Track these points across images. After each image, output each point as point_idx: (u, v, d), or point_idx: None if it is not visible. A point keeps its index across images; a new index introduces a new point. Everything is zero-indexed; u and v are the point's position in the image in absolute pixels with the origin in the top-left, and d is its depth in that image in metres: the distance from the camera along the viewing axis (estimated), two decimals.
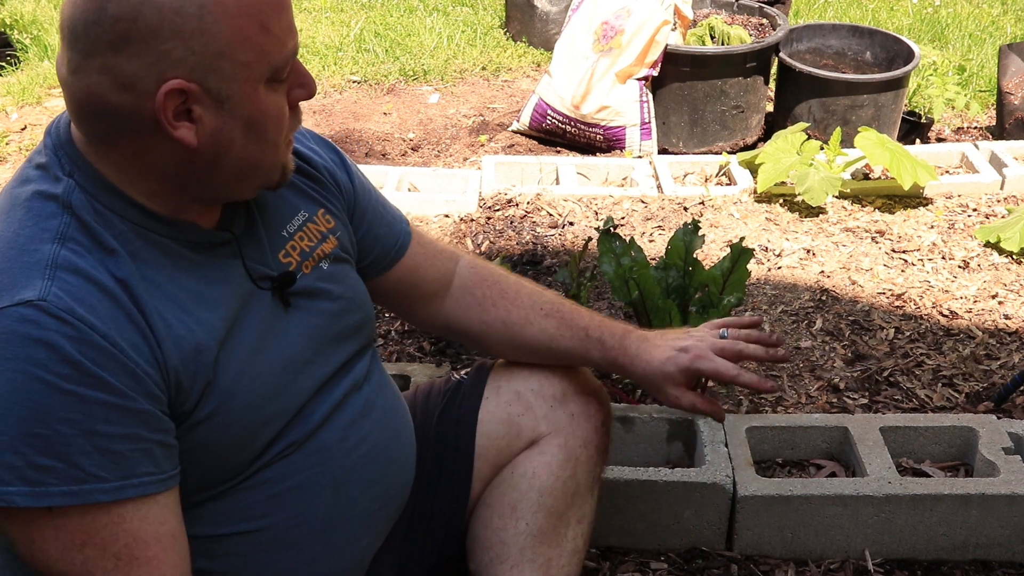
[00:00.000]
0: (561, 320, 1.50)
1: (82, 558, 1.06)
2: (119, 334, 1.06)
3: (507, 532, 1.46)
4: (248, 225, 1.23)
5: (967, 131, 4.00)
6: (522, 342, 1.52)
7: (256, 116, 1.11)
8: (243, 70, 1.08)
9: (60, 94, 4.22)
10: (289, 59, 1.12)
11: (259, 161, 1.15)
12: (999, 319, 2.56)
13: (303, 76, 1.16)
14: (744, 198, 3.19)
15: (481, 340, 1.55)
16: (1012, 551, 1.84)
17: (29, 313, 1.02)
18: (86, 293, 1.05)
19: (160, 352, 1.09)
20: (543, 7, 4.64)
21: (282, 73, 1.12)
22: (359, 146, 3.80)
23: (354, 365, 1.35)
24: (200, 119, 1.08)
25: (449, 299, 1.54)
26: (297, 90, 1.16)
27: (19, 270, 1.05)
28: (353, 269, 1.39)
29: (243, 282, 1.21)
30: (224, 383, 1.15)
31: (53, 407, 1.02)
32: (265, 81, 1.10)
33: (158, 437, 1.09)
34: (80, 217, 1.10)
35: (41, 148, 1.16)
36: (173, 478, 1.12)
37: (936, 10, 5.42)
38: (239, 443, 1.19)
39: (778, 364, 1.45)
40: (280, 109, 1.14)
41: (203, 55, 1.05)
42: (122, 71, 1.05)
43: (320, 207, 1.34)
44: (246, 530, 1.24)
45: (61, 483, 1.03)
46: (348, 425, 1.31)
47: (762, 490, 1.81)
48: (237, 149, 1.12)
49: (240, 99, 1.09)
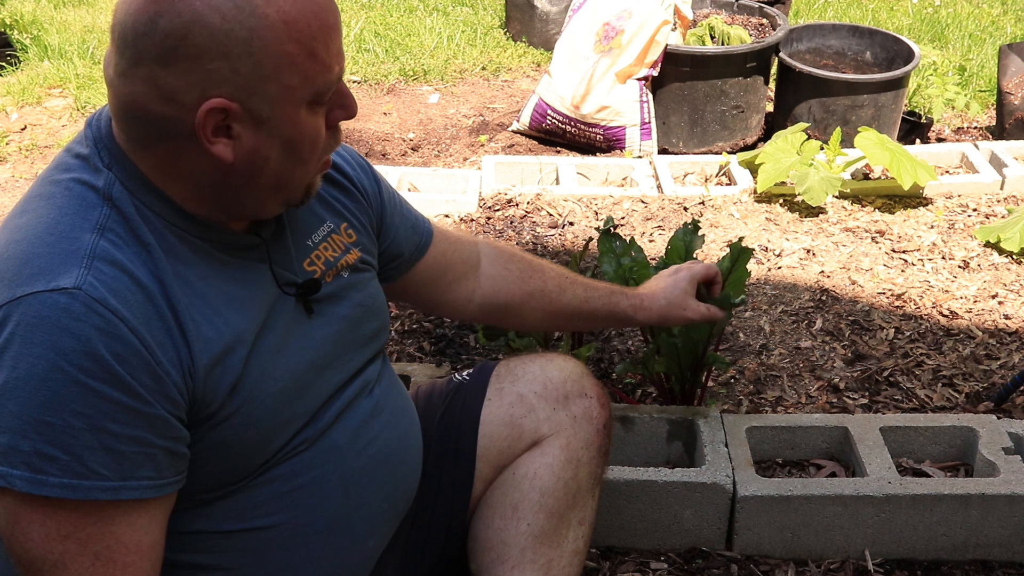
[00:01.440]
0: (586, 284, 1.69)
1: (61, 549, 1.07)
2: (148, 330, 1.07)
3: (508, 532, 1.47)
4: (277, 232, 1.25)
5: (967, 131, 4.00)
6: (559, 307, 1.65)
7: (295, 137, 1.12)
8: (287, 93, 1.09)
9: (60, 94, 4.23)
10: (334, 84, 1.13)
11: (290, 179, 1.16)
12: (999, 319, 2.57)
13: (345, 97, 1.16)
14: (744, 198, 3.19)
15: (520, 310, 1.65)
16: (1012, 551, 1.84)
17: (63, 300, 1.03)
18: (121, 285, 1.06)
19: (188, 352, 1.10)
20: (543, 7, 4.64)
21: (325, 96, 1.13)
22: (359, 146, 3.80)
23: (366, 369, 1.37)
24: (239, 137, 1.09)
25: (483, 277, 1.62)
26: (338, 111, 1.16)
27: (58, 256, 1.06)
28: (374, 278, 1.41)
29: (270, 287, 1.22)
30: (250, 384, 1.17)
31: (68, 398, 1.03)
32: (307, 104, 1.11)
33: (165, 444, 1.10)
34: (120, 209, 1.11)
35: (82, 138, 1.17)
36: (171, 485, 1.12)
37: (936, 10, 5.42)
38: (256, 444, 1.20)
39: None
40: (317, 131, 1.15)
41: (249, 77, 1.06)
42: (166, 84, 1.06)
43: (344, 220, 1.36)
44: (257, 527, 1.24)
45: (62, 475, 1.04)
46: (359, 426, 1.32)
47: (762, 490, 1.81)
48: (272, 166, 1.13)
49: (280, 121, 1.10)
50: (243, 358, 1.16)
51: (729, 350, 2.44)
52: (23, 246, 1.08)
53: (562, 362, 1.58)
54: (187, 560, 1.22)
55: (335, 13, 1.12)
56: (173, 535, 1.17)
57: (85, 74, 4.37)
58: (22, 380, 1.02)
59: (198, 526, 1.21)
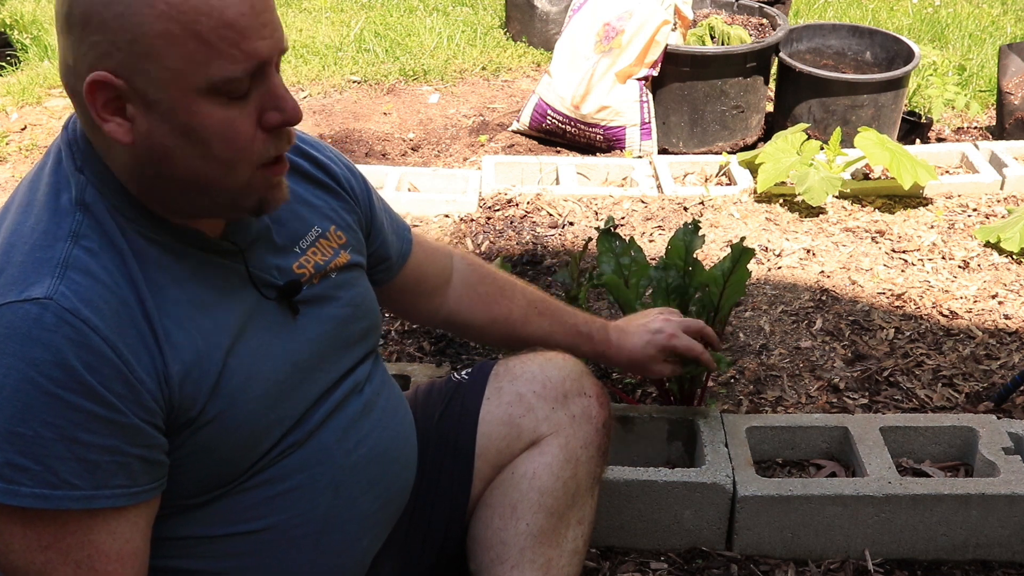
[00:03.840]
0: (554, 318, 1.69)
1: (43, 559, 1.07)
2: (121, 339, 1.06)
3: (507, 532, 1.46)
4: (259, 236, 1.23)
5: (967, 131, 4.00)
6: (521, 338, 1.68)
7: (195, 128, 1.06)
8: (172, 76, 1.03)
9: (60, 94, 4.23)
10: (240, 77, 1.05)
11: (211, 178, 1.09)
12: (999, 319, 2.56)
13: (279, 99, 1.08)
14: (744, 198, 3.19)
15: (483, 334, 1.71)
16: (1012, 551, 1.84)
17: (34, 311, 1.03)
18: (93, 294, 1.06)
19: (162, 360, 1.09)
20: (543, 7, 4.64)
21: (233, 89, 1.05)
22: (359, 146, 3.80)
23: (357, 369, 1.36)
24: (133, 118, 1.06)
25: (452, 294, 1.64)
26: (271, 113, 1.08)
27: (30, 265, 1.06)
28: (364, 277, 1.41)
29: (248, 291, 1.21)
30: (230, 388, 1.16)
31: (39, 409, 1.02)
32: (204, 93, 1.04)
33: (139, 452, 1.09)
34: (94, 215, 1.10)
35: (59, 142, 1.16)
36: (147, 492, 1.11)
37: (936, 10, 5.42)
38: (243, 447, 1.20)
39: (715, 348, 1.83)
40: (231, 127, 1.07)
41: (129, 53, 1.02)
42: (68, 55, 1.06)
43: (333, 223, 1.34)
44: (246, 531, 1.24)
45: (34, 485, 1.03)
46: (347, 426, 1.32)
47: (762, 490, 1.81)
48: (179, 159, 1.07)
49: (171, 106, 1.04)
50: (219, 362, 1.14)
51: (729, 350, 2.44)
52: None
53: (561, 361, 1.57)
54: (176, 566, 1.21)
55: (248, 3, 1.03)
56: (161, 541, 1.17)
57: None
58: None
59: (186, 531, 1.20)
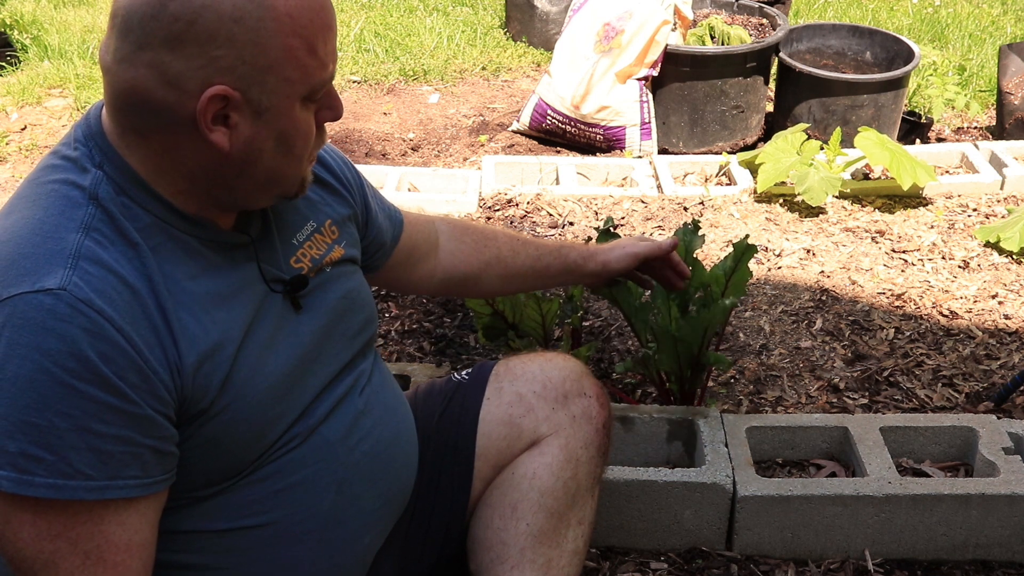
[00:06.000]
0: (537, 244, 1.78)
1: (52, 548, 1.07)
2: (134, 330, 1.07)
3: (508, 532, 1.46)
4: (263, 230, 1.26)
5: (967, 131, 4.00)
6: (514, 270, 1.74)
7: (288, 130, 1.14)
8: (285, 86, 1.11)
9: (60, 94, 4.23)
10: (326, 82, 1.16)
11: (284, 173, 1.19)
12: (999, 319, 2.56)
13: (334, 99, 1.20)
14: (744, 198, 3.19)
15: (479, 278, 1.73)
16: (1012, 551, 1.84)
17: (48, 301, 1.03)
18: (106, 285, 1.06)
19: (176, 351, 1.10)
20: (543, 7, 4.64)
21: (317, 94, 1.15)
22: (359, 146, 3.80)
23: (357, 364, 1.37)
24: (236, 126, 1.11)
25: (442, 253, 1.70)
26: (326, 111, 1.19)
27: (42, 257, 1.06)
28: (358, 271, 1.42)
29: (258, 284, 1.23)
30: (239, 380, 1.17)
31: (54, 399, 1.03)
32: (301, 99, 1.14)
33: (152, 443, 1.10)
34: (106, 208, 1.11)
35: (70, 140, 1.17)
36: (159, 484, 1.12)
37: (936, 10, 5.42)
38: (248, 439, 1.20)
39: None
40: (309, 127, 1.17)
41: (252, 66, 1.08)
42: (170, 69, 1.06)
43: (328, 218, 1.37)
44: (249, 525, 1.24)
45: (48, 475, 1.04)
46: (350, 423, 1.32)
47: (762, 490, 1.81)
48: (266, 159, 1.15)
49: (277, 112, 1.12)
50: (232, 355, 1.16)
51: (729, 350, 2.44)
52: (8, 248, 1.08)
53: (561, 361, 1.58)
54: (179, 560, 1.22)
55: (333, 14, 1.16)
56: (165, 535, 1.17)
57: (85, 74, 4.37)
58: (8, 382, 1.02)
59: (190, 525, 1.21)
